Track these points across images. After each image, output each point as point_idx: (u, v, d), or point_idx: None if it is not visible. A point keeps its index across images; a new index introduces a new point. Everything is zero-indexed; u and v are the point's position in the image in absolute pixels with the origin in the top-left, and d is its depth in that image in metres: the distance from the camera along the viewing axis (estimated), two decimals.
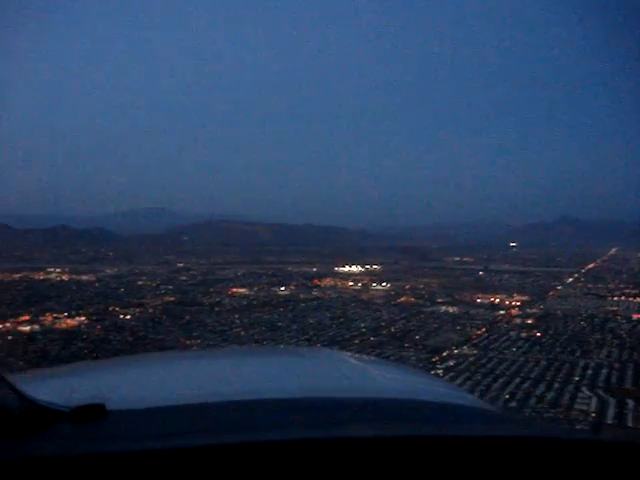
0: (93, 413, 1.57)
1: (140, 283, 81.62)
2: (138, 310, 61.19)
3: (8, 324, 48.63)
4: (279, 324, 59.22)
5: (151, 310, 62.32)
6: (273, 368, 2.69)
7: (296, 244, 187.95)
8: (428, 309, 71.01)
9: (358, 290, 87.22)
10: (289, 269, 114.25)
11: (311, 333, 55.35)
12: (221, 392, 1.91)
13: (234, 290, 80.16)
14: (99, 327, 52.22)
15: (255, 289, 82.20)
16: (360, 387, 2.22)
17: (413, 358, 47.95)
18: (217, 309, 65.73)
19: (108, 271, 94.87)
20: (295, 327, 57.98)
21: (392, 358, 44.48)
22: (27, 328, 46.61)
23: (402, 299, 78.36)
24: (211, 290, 78.61)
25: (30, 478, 1.38)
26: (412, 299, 78.68)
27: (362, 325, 60.52)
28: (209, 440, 1.47)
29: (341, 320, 62.51)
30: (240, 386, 2.17)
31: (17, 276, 77.74)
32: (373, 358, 4.67)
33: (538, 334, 58.23)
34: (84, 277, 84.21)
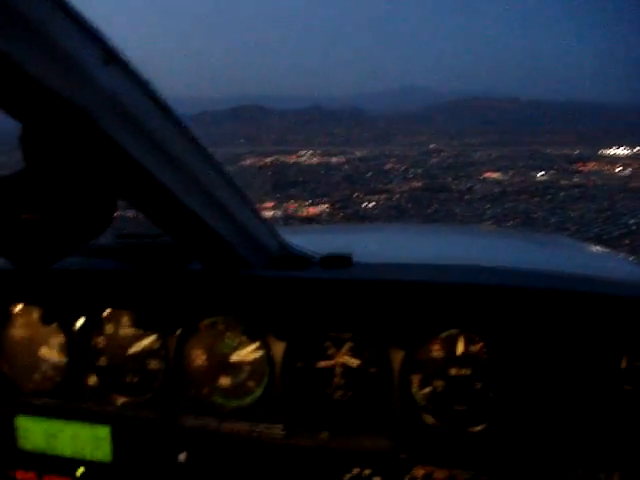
0: (341, 262, 1.92)
1: (388, 167, 79.81)
2: (383, 197, 59.46)
3: None
4: (535, 216, 53.80)
5: (396, 197, 60.27)
6: (502, 245, 2.93)
7: (557, 122, 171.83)
8: None
9: (628, 177, 76.47)
10: (548, 151, 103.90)
11: (572, 229, 48.82)
12: (451, 257, 2.18)
13: (487, 175, 75.21)
14: (340, 215, 51.52)
15: (510, 174, 76.08)
16: (582, 267, 2.33)
17: None
18: (467, 197, 61.79)
19: (358, 153, 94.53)
20: (553, 220, 51.95)
21: None
22: (270, 213, 47.17)
23: None
24: (462, 174, 74.36)
25: (281, 297, 1.89)
26: None
27: (632, 222, 52.10)
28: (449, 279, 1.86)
29: (608, 214, 54.70)
30: (470, 254, 2.40)
31: (268, 160, 79.00)
32: (611, 251, 3.60)
33: None
34: (334, 159, 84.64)
